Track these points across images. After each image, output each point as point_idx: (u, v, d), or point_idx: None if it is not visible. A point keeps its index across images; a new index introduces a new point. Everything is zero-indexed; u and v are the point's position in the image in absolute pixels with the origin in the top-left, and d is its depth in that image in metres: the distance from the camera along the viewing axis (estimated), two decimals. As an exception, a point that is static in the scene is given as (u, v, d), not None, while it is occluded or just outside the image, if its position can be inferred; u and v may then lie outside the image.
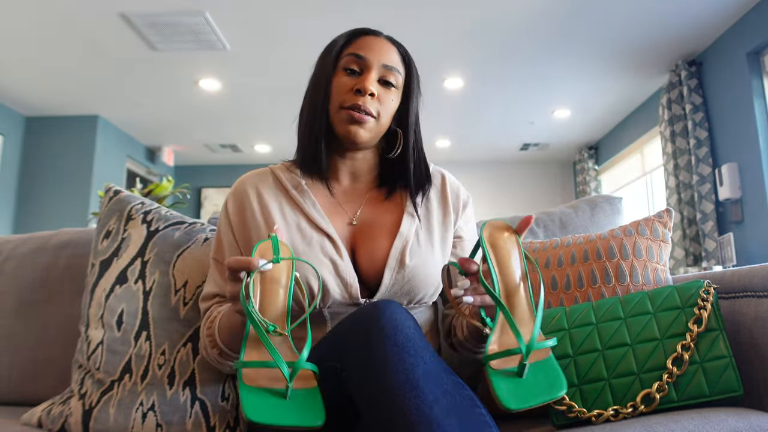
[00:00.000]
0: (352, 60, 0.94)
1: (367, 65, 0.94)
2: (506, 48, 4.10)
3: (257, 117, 5.53)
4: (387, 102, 0.95)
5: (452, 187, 1.04)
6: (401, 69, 0.97)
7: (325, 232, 0.92)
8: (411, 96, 0.98)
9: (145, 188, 1.98)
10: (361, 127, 0.92)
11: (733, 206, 3.82)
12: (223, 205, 0.99)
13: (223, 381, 0.98)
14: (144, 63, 4.27)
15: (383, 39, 0.98)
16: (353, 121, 0.91)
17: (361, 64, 0.94)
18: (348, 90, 0.93)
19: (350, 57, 0.94)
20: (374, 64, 0.94)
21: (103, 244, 1.10)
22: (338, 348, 0.73)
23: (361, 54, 0.94)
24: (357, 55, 0.94)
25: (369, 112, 0.92)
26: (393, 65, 0.95)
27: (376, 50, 0.95)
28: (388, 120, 0.96)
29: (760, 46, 3.58)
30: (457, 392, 0.66)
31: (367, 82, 0.92)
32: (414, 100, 0.99)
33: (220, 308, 0.90)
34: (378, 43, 0.96)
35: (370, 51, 0.94)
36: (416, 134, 1.00)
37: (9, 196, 5.19)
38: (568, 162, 7.20)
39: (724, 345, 0.81)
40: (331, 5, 3.37)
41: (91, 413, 0.95)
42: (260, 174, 1.01)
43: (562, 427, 0.84)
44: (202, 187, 7.19)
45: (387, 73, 0.95)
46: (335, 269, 0.89)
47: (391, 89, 0.95)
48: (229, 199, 0.99)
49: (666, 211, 1.08)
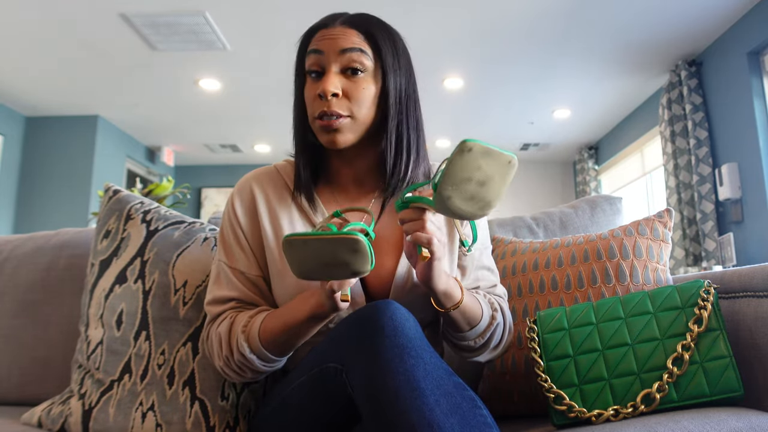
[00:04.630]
0: (312, 60, 0.86)
1: (326, 60, 0.85)
2: (506, 48, 4.10)
3: (257, 117, 5.53)
4: (358, 93, 0.85)
5: None
6: (366, 47, 0.86)
7: None
8: (388, 74, 0.87)
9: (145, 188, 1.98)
10: (338, 133, 0.84)
11: (733, 206, 3.82)
12: (229, 207, 0.94)
13: (222, 380, 0.98)
14: (144, 63, 4.27)
15: (338, 26, 0.87)
16: (326, 129, 0.84)
17: (320, 62, 0.86)
18: (314, 97, 0.86)
19: (310, 56, 0.87)
20: (331, 56, 0.85)
21: (103, 243, 1.10)
22: (339, 349, 0.73)
23: (317, 48, 0.86)
24: (314, 51, 0.86)
25: (338, 114, 0.83)
26: (352, 47, 0.85)
27: (330, 39, 0.85)
28: (368, 110, 0.86)
29: (760, 46, 3.58)
30: (458, 393, 0.65)
31: (326, 84, 0.83)
32: (394, 78, 0.87)
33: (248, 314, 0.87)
34: (332, 33, 0.86)
35: (324, 42, 0.86)
36: (399, 118, 0.88)
37: (9, 196, 5.19)
38: (568, 162, 7.20)
39: (724, 345, 0.80)
40: (331, 5, 3.36)
41: (90, 413, 0.95)
42: (266, 174, 0.96)
43: (562, 427, 0.84)
44: (202, 187, 7.19)
45: (348, 60, 0.84)
46: None
47: (359, 75, 0.85)
48: (235, 200, 0.93)
49: (666, 211, 1.08)
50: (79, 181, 5.31)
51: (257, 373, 0.88)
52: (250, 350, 0.83)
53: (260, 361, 0.84)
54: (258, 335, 0.83)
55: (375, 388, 0.64)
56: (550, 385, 0.85)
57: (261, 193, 0.93)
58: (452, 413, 0.62)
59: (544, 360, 0.88)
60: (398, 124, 0.88)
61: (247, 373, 0.87)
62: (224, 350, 0.86)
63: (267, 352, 0.83)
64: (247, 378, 0.89)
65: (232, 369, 0.87)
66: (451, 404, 0.63)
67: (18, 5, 3.44)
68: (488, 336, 0.90)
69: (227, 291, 0.91)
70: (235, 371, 0.87)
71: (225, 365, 0.87)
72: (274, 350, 0.83)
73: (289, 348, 0.85)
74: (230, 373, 0.88)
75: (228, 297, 0.90)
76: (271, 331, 0.82)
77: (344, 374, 0.71)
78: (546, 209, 1.41)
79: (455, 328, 0.87)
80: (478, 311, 0.88)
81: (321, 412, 0.78)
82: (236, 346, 0.84)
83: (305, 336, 0.84)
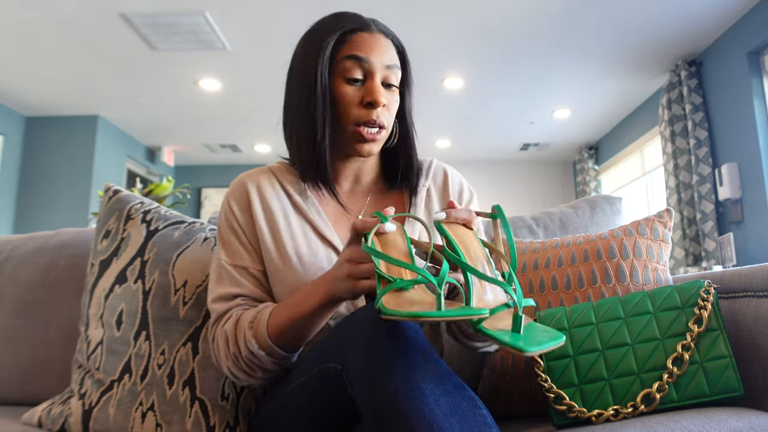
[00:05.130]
0: (353, 65, 0.86)
1: (371, 70, 0.86)
2: (506, 48, 4.11)
3: (257, 117, 5.53)
4: (392, 105, 0.90)
5: (454, 185, 1.00)
6: (399, 65, 0.91)
7: (331, 244, 0.90)
8: (407, 90, 0.94)
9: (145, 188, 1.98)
10: (375, 143, 0.88)
11: (733, 206, 3.82)
12: (225, 207, 0.94)
13: (222, 380, 0.98)
14: (144, 63, 4.27)
15: (379, 35, 0.89)
16: (368, 139, 0.87)
17: (363, 69, 0.86)
18: (357, 103, 0.86)
19: (350, 61, 0.86)
20: (377, 67, 0.87)
21: (103, 243, 1.10)
22: (339, 349, 0.73)
23: (361, 56, 0.86)
24: (357, 58, 0.86)
25: (382, 125, 0.87)
26: (394, 64, 0.89)
27: (376, 50, 0.87)
28: (393, 120, 0.92)
29: (760, 46, 3.58)
30: (458, 393, 0.65)
31: (378, 94, 0.85)
32: (410, 93, 0.94)
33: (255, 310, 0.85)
34: (376, 42, 0.88)
35: (371, 52, 0.86)
36: (413, 130, 0.96)
37: (9, 196, 5.19)
38: (568, 162, 7.20)
39: (724, 345, 0.80)
40: (331, 5, 3.37)
41: (90, 413, 0.95)
42: (260, 173, 0.96)
43: (562, 427, 0.84)
44: (202, 187, 7.19)
45: (389, 74, 0.88)
46: None
47: (394, 90, 0.90)
48: (230, 199, 0.93)
49: (666, 211, 1.08)
50: (79, 181, 5.31)
51: (267, 372, 0.85)
52: (258, 346, 0.81)
53: (270, 358, 0.82)
54: (266, 330, 0.81)
55: (375, 388, 0.64)
56: (550, 385, 0.85)
57: (255, 190, 0.93)
58: (452, 413, 0.62)
59: (544, 360, 0.88)
60: (413, 136, 0.96)
61: (257, 372, 0.85)
62: (232, 348, 0.84)
63: (276, 347, 0.81)
64: (256, 378, 0.86)
65: (241, 369, 0.85)
66: (451, 404, 0.63)
67: (18, 5, 3.44)
68: None
69: (231, 288, 0.89)
70: (244, 371, 0.85)
71: (233, 365, 0.85)
72: (284, 345, 0.82)
73: (298, 342, 0.83)
74: (239, 374, 0.86)
75: (233, 293, 0.89)
76: (279, 324, 0.81)
77: (344, 374, 0.71)
78: (546, 209, 1.41)
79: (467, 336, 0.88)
80: None
81: (321, 412, 0.78)
82: (244, 342, 0.82)
83: (314, 327, 0.82)
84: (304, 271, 0.88)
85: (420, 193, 0.98)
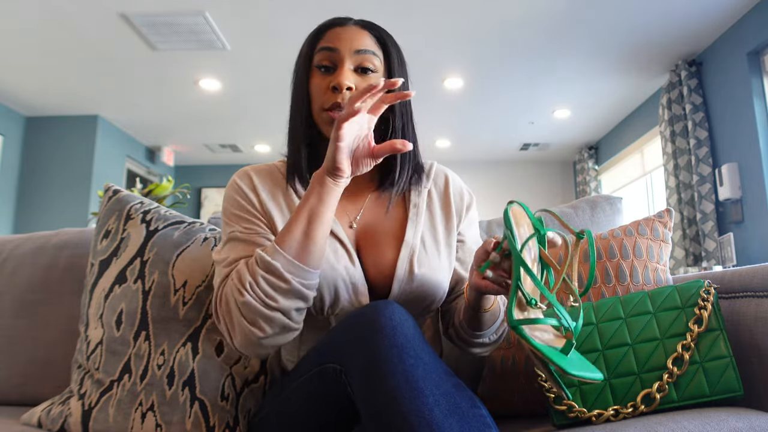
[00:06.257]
0: (324, 56, 0.90)
1: (340, 57, 0.89)
2: (506, 48, 4.10)
3: (257, 117, 5.53)
4: None
5: (455, 189, 1.01)
6: (377, 50, 0.92)
7: (337, 237, 0.90)
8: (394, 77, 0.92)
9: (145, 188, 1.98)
10: None
11: (733, 206, 3.82)
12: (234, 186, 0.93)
13: (222, 380, 0.98)
14: (144, 63, 4.27)
15: (352, 26, 0.92)
16: None
17: (332, 58, 0.89)
18: (325, 89, 0.89)
19: (321, 53, 0.90)
20: (345, 53, 0.89)
21: (103, 243, 1.10)
22: (338, 349, 0.73)
23: (330, 46, 0.90)
24: (327, 48, 0.90)
25: None
26: (366, 48, 0.90)
27: (345, 39, 0.90)
28: None
29: (760, 46, 3.58)
30: (457, 393, 0.65)
31: (341, 77, 0.87)
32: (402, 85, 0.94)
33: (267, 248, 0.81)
34: (346, 32, 0.91)
35: (339, 41, 0.90)
36: (404, 120, 0.94)
37: (9, 196, 5.19)
38: (568, 162, 7.20)
39: (724, 345, 0.80)
40: (331, 5, 3.37)
41: (90, 413, 0.95)
42: (262, 168, 0.97)
43: (563, 427, 0.84)
44: (202, 187, 7.19)
45: (361, 60, 0.89)
46: (348, 276, 0.86)
47: (370, 75, 0.90)
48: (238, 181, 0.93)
49: (666, 211, 1.08)
50: (79, 181, 5.31)
51: (288, 294, 0.77)
52: (271, 258, 0.77)
53: (287, 271, 0.76)
54: (274, 243, 0.79)
55: (374, 389, 0.64)
56: (550, 385, 0.85)
57: (260, 181, 0.94)
58: (451, 413, 0.62)
59: (544, 360, 0.88)
60: (403, 125, 0.94)
61: (278, 298, 0.76)
62: (247, 278, 0.77)
63: (287, 255, 0.77)
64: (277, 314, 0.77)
65: (259, 298, 0.76)
66: (451, 404, 0.63)
67: (18, 5, 3.44)
68: (501, 331, 0.93)
69: (237, 254, 0.85)
70: (262, 301, 0.76)
71: (252, 295, 0.77)
72: (296, 251, 0.77)
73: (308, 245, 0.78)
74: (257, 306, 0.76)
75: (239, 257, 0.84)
76: (284, 231, 0.79)
77: (344, 374, 0.71)
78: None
79: (478, 327, 0.88)
80: (497, 308, 0.89)
81: (320, 413, 0.78)
82: (259, 262, 0.77)
83: (318, 220, 0.78)
84: None
85: (422, 194, 0.97)
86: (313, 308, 0.87)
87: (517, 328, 0.65)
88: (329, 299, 0.86)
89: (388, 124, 0.92)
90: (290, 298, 0.77)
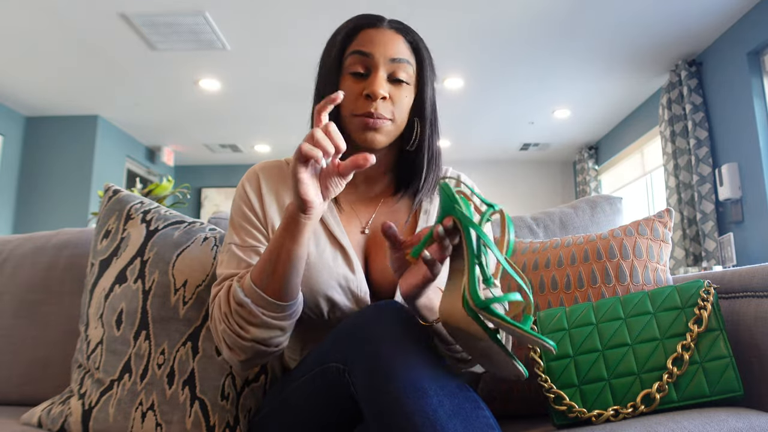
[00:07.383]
0: (357, 60, 0.87)
1: (374, 64, 0.87)
2: (506, 48, 4.11)
3: (257, 117, 5.53)
4: (400, 100, 0.88)
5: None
6: (411, 59, 0.90)
7: (340, 244, 0.89)
8: (425, 86, 0.91)
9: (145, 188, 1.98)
10: (378, 133, 0.86)
11: (733, 206, 3.82)
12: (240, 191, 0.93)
13: (222, 379, 0.98)
14: (144, 63, 4.27)
15: (386, 30, 0.89)
16: (369, 128, 0.85)
17: (366, 63, 0.87)
18: (358, 95, 0.86)
19: (354, 56, 0.88)
20: (380, 61, 0.87)
21: (103, 243, 1.10)
22: (341, 349, 0.73)
23: (364, 51, 0.87)
24: (360, 53, 0.87)
25: (383, 116, 0.86)
26: (401, 57, 0.88)
27: (380, 44, 0.87)
28: (405, 117, 0.90)
29: (760, 46, 3.58)
30: (461, 394, 0.65)
31: (376, 86, 0.85)
32: (428, 90, 0.92)
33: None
34: (381, 36, 0.88)
35: (374, 46, 0.87)
36: (432, 127, 0.93)
37: (9, 196, 5.19)
38: (568, 162, 7.20)
39: (724, 345, 0.80)
40: (331, 5, 3.37)
41: (90, 413, 0.95)
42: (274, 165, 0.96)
43: (562, 427, 0.84)
44: (202, 187, 7.19)
45: (396, 68, 0.88)
46: (346, 284, 0.86)
47: (403, 85, 0.89)
48: (245, 185, 0.93)
49: (666, 211, 1.08)
50: (79, 181, 5.31)
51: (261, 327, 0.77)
52: (243, 293, 0.77)
53: (257, 306, 0.77)
54: (249, 276, 0.79)
55: (378, 389, 0.64)
56: (550, 385, 0.85)
57: (266, 181, 0.93)
58: (455, 414, 0.62)
59: (544, 360, 0.88)
60: (431, 134, 0.93)
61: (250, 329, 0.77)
62: (223, 307, 0.80)
63: (259, 290, 0.76)
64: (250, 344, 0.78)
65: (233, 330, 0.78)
66: (454, 405, 0.63)
67: (18, 5, 3.44)
68: None
69: (236, 269, 0.86)
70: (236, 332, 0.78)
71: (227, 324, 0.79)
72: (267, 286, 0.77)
73: (279, 282, 0.77)
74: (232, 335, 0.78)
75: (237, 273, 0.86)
76: (257, 267, 0.78)
77: (347, 374, 0.71)
78: (546, 209, 1.41)
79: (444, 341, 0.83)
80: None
81: (322, 412, 0.78)
82: (232, 295, 0.79)
83: (289, 261, 0.76)
84: (307, 268, 0.86)
85: (434, 201, 0.97)
86: (313, 314, 0.87)
87: (488, 308, 0.62)
88: (326, 307, 0.86)
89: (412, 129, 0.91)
90: (264, 329, 0.78)
